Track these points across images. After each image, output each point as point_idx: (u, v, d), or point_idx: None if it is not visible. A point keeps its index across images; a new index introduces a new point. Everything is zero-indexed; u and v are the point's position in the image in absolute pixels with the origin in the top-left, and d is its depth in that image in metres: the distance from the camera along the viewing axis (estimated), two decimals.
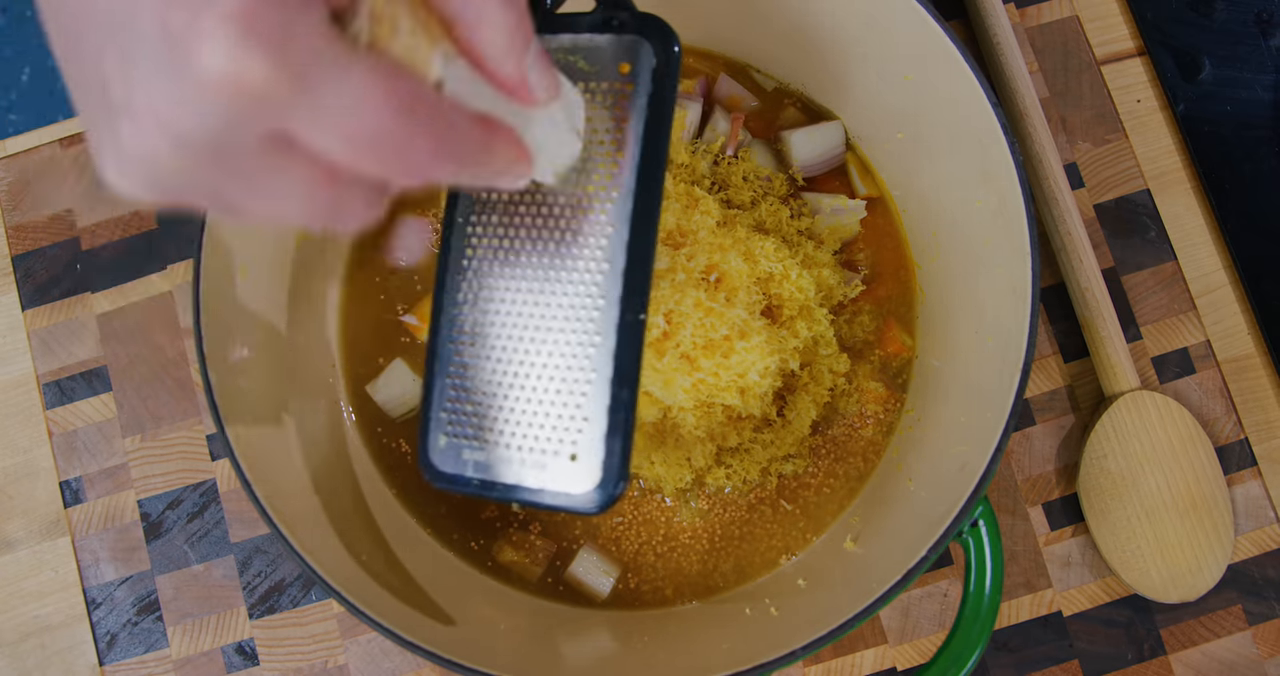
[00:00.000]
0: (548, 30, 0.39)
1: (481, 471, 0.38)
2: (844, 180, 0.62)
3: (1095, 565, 0.61)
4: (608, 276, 0.36)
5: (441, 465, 0.39)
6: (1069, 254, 0.61)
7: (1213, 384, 0.63)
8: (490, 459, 0.38)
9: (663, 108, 0.37)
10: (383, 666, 0.60)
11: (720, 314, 0.51)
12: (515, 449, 0.37)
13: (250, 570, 0.61)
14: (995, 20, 0.63)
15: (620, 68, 0.38)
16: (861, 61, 0.56)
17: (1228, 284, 0.63)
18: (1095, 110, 0.65)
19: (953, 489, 0.49)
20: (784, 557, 0.58)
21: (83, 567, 0.62)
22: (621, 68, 0.38)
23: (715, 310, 0.51)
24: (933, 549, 0.46)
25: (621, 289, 0.36)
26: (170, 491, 0.62)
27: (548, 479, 0.37)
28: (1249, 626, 0.60)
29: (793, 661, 0.46)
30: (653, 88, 0.37)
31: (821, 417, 0.58)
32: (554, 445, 0.37)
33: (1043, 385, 0.62)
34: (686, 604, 0.58)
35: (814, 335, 0.56)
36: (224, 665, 0.60)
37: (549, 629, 0.55)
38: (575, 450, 0.36)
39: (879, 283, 0.61)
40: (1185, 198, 0.64)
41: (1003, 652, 0.60)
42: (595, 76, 0.38)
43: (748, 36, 0.60)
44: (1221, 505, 0.60)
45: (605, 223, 0.37)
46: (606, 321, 0.36)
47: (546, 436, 0.37)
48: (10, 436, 0.63)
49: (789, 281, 0.55)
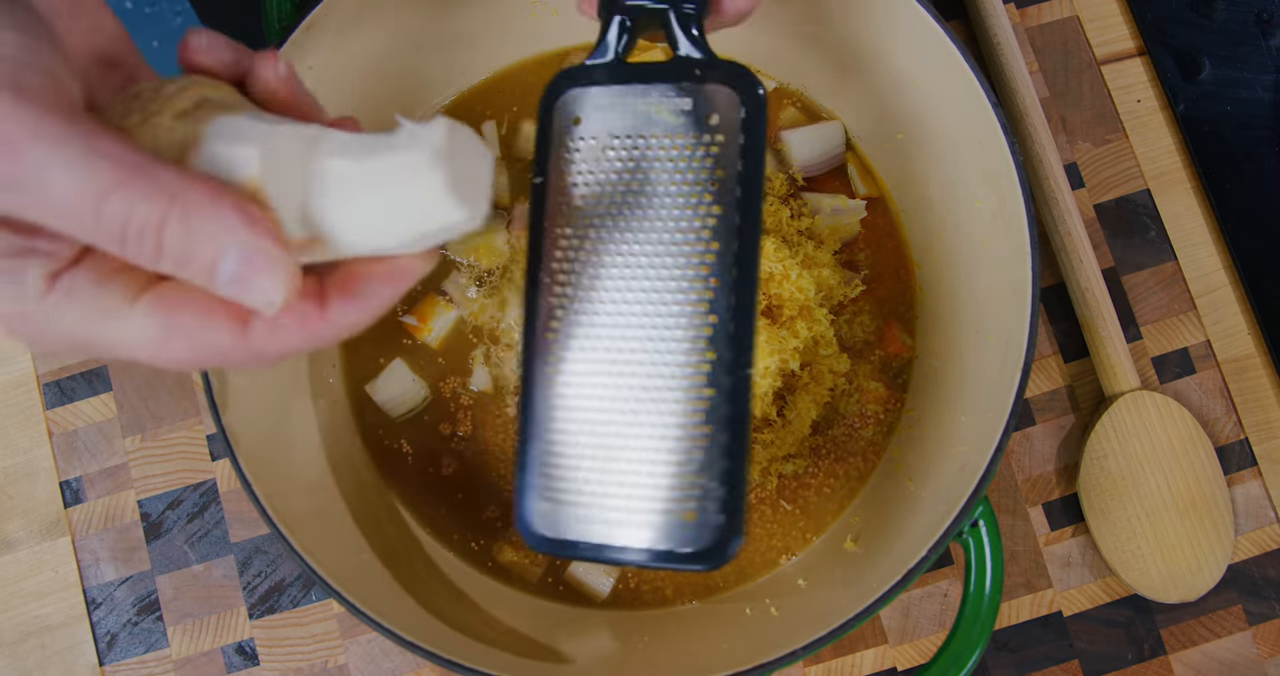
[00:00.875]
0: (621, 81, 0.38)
1: (589, 535, 0.36)
2: (844, 180, 0.62)
3: (1095, 565, 0.61)
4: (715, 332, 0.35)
5: (544, 530, 0.37)
6: (1069, 254, 0.61)
7: (1213, 384, 0.63)
8: (596, 520, 0.36)
9: (756, 158, 0.35)
10: (383, 666, 0.60)
11: None
12: (625, 510, 0.36)
13: (250, 570, 0.61)
14: (995, 20, 0.63)
15: (707, 119, 0.36)
16: (861, 61, 0.56)
17: (1228, 284, 0.63)
18: (1095, 110, 0.65)
19: (953, 489, 0.49)
20: (784, 557, 0.58)
21: (83, 567, 0.62)
22: (709, 119, 0.36)
23: None
24: (933, 549, 0.46)
25: (730, 347, 0.35)
26: (170, 491, 0.62)
27: (662, 539, 0.35)
28: (1249, 626, 0.60)
29: (793, 661, 0.46)
30: (744, 139, 0.35)
31: (822, 417, 0.58)
32: (667, 505, 0.35)
33: (1043, 385, 0.62)
34: (686, 604, 0.58)
35: (814, 335, 0.56)
36: (224, 665, 0.60)
37: (549, 629, 0.55)
38: (691, 508, 0.35)
39: (879, 283, 0.61)
40: (1185, 198, 0.64)
41: (1003, 652, 0.60)
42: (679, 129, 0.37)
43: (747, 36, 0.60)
44: (1221, 505, 0.60)
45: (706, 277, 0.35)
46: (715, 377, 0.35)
47: (659, 496, 0.35)
48: (10, 436, 0.63)
49: (789, 281, 0.55)
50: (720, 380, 0.35)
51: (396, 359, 0.60)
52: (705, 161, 0.36)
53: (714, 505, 0.34)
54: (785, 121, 0.62)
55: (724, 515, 0.34)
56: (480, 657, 0.48)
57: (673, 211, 0.36)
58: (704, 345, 0.35)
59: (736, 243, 0.35)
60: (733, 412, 0.35)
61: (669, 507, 0.35)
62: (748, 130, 0.36)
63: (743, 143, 0.36)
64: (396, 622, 0.47)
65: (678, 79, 0.37)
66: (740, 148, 0.36)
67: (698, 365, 0.35)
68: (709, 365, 0.35)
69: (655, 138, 0.37)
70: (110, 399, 0.63)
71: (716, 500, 0.34)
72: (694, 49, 0.38)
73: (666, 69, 0.37)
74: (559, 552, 0.37)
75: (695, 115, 0.37)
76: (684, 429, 0.35)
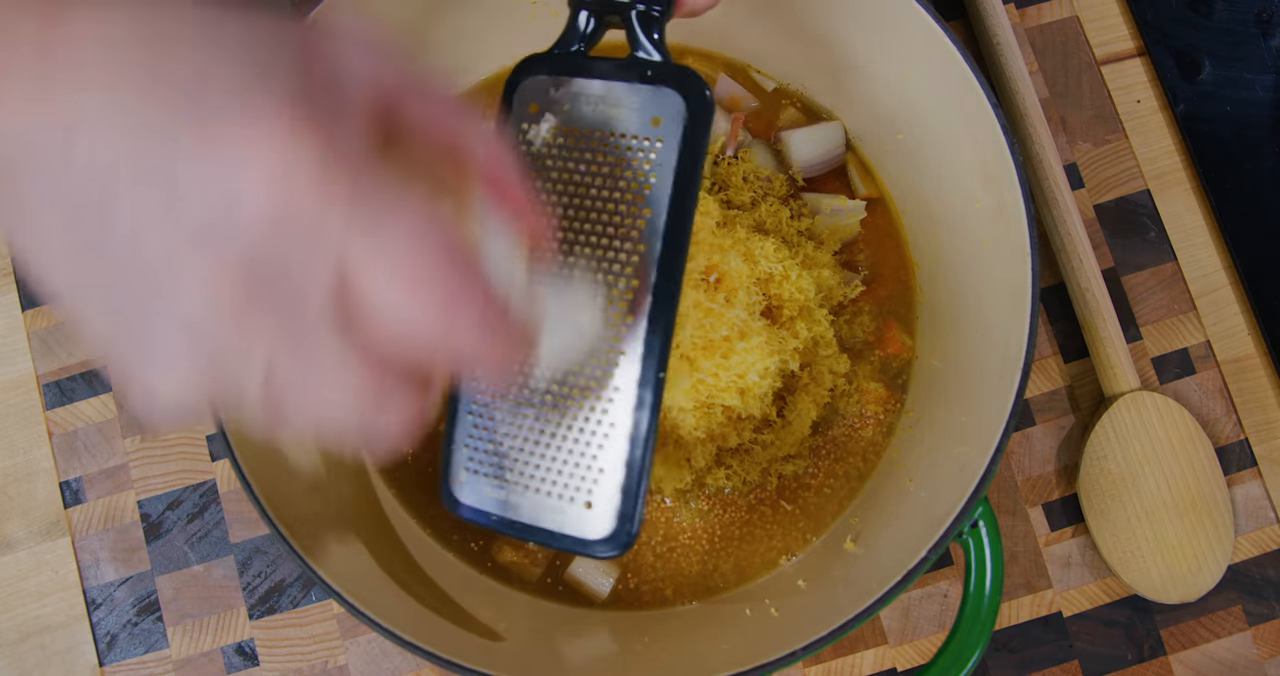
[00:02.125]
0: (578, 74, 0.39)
1: (501, 508, 0.39)
2: (844, 180, 0.62)
3: (1095, 565, 0.61)
4: (631, 331, 0.37)
5: (462, 497, 0.40)
6: (1069, 254, 0.61)
7: (1213, 384, 0.63)
8: (510, 497, 0.39)
9: (694, 165, 0.36)
10: (383, 667, 0.60)
11: (720, 314, 0.51)
12: (534, 490, 0.38)
13: (250, 570, 0.61)
14: (995, 20, 0.63)
15: (652, 120, 0.37)
16: (861, 61, 0.56)
17: (1228, 284, 0.63)
18: (1095, 110, 0.65)
19: (953, 489, 0.49)
20: (784, 558, 0.58)
21: (83, 568, 0.62)
22: (653, 121, 0.37)
23: (715, 311, 0.51)
24: (933, 549, 0.46)
25: (643, 347, 0.36)
26: (170, 492, 0.62)
27: (564, 522, 0.37)
28: (1249, 627, 0.60)
29: (793, 662, 0.46)
30: (682, 145, 0.36)
31: (822, 418, 0.58)
32: (570, 491, 0.37)
33: (1043, 385, 0.62)
34: (686, 604, 0.58)
35: (814, 336, 0.56)
36: (224, 665, 0.60)
37: (549, 629, 0.55)
38: (590, 498, 0.37)
39: (879, 283, 0.61)
40: (1185, 198, 0.64)
41: (1003, 653, 0.60)
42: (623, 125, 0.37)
43: (747, 36, 0.60)
44: (1221, 505, 0.60)
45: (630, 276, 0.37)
46: (626, 377, 0.37)
47: (564, 482, 0.38)
48: (10, 437, 0.63)
49: (789, 282, 0.55)
50: (628, 381, 0.37)
51: None
52: (644, 164, 0.37)
53: (613, 498, 0.37)
54: (785, 122, 0.62)
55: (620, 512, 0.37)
56: (480, 657, 0.48)
57: (606, 208, 0.37)
58: (618, 345, 0.37)
59: (660, 247, 0.36)
60: (637, 415, 0.37)
61: (573, 496, 0.37)
62: (689, 137, 0.37)
63: (680, 148, 0.37)
64: (396, 622, 0.47)
65: (629, 78, 0.38)
66: (678, 153, 0.37)
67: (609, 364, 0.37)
68: (618, 365, 0.37)
69: (602, 134, 0.38)
70: (110, 399, 0.63)
71: (616, 493, 0.37)
72: (651, 50, 0.39)
73: (620, 67, 0.38)
74: (474, 520, 0.39)
75: (641, 116, 0.38)
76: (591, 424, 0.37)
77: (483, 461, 0.39)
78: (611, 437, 0.37)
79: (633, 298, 0.37)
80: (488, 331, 0.28)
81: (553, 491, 0.38)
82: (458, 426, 0.40)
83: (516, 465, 0.38)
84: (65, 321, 0.29)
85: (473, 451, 0.39)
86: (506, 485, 0.39)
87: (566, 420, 0.38)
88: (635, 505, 0.36)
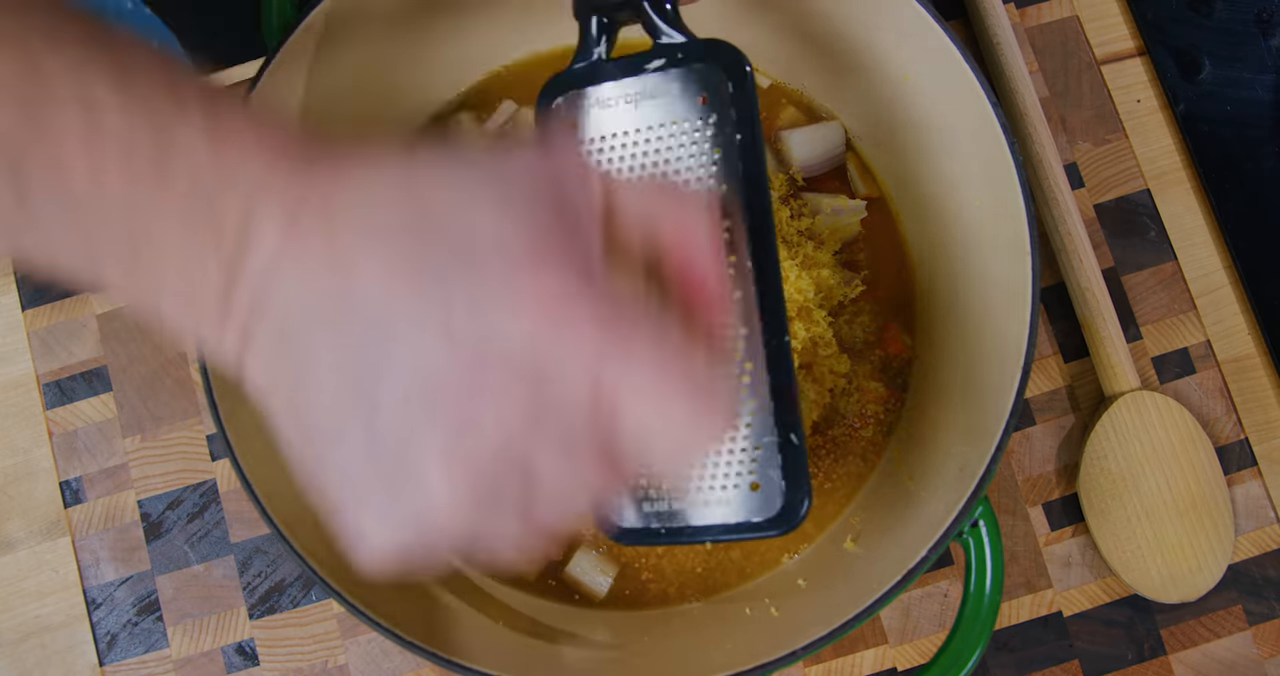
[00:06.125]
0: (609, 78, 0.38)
1: (666, 520, 0.37)
2: (844, 180, 0.62)
3: (1095, 565, 0.61)
4: (741, 305, 0.36)
5: (624, 523, 0.38)
6: (1069, 254, 0.61)
7: (1213, 384, 0.63)
8: (670, 506, 0.37)
9: (752, 128, 0.36)
10: (383, 666, 0.60)
11: None
12: (695, 491, 0.37)
13: (250, 570, 0.61)
14: (995, 20, 0.63)
15: (700, 100, 0.37)
16: (861, 61, 0.56)
17: (1228, 284, 0.63)
18: (1095, 110, 0.65)
19: (953, 489, 0.49)
20: (785, 557, 0.58)
21: (83, 567, 0.62)
22: (701, 99, 0.37)
23: None
24: (933, 549, 0.46)
25: (762, 315, 0.36)
26: (170, 491, 0.62)
27: (734, 512, 0.37)
28: (1249, 626, 0.60)
29: (793, 661, 0.46)
30: (735, 112, 0.36)
31: (822, 418, 0.58)
32: (733, 479, 0.37)
33: (1043, 385, 0.62)
34: (687, 603, 0.58)
35: (813, 336, 0.56)
36: (224, 665, 0.60)
37: (548, 628, 0.55)
38: (755, 479, 0.36)
39: (879, 283, 0.61)
40: (1185, 198, 0.64)
41: (1003, 652, 0.60)
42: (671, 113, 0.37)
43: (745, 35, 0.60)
44: (1222, 505, 0.60)
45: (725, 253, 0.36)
46: (752, 349, 0.36)
47: (724, 473, 0.37)
48: (10, 436, 0.63)
49: (788, 282, 0.55)
50: (755, 353, 0.36)
51: None
52: (703, 144, 0.37)
53: (776, 474, 0.36)
54: (785, 121, 0.62)
55: (786, 481, 0.36)
56: (480, 657, 0.48)
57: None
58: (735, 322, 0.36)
59: (748, 216, 0.36)
60: (775, 382, 0.36)
61: (737, 483, 0.36)
62: (738, 104, 0.36)
63: (735, 116, 0.36)
64: (396, 622, 0.47)
65: (661, 66, 0.37)
66: (734, 121, 0.36)
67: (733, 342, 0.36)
68: (742, 340, 0.36)
69: (650, 129, 0.37)
70: (110, 399, 0.63)
71: (777, 469, 0.36)
72: (673, 33, 0.38)
73: (649, 58, 0.38)
74: (641, 542, 0.38)
75: (686, 99, 0.37)
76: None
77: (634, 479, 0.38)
78: (757, 413, 0.36)
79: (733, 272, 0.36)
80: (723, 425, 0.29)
81: (714, 485, 0.37)
82: None
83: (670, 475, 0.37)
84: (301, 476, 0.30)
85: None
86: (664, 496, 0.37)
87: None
88: (800, 470, 0.36)
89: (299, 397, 0.28)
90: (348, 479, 0.28)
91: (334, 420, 0.27)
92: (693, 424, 0.28)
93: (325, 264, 0.26)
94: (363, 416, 0.27)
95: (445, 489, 0.27)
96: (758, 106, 0.36)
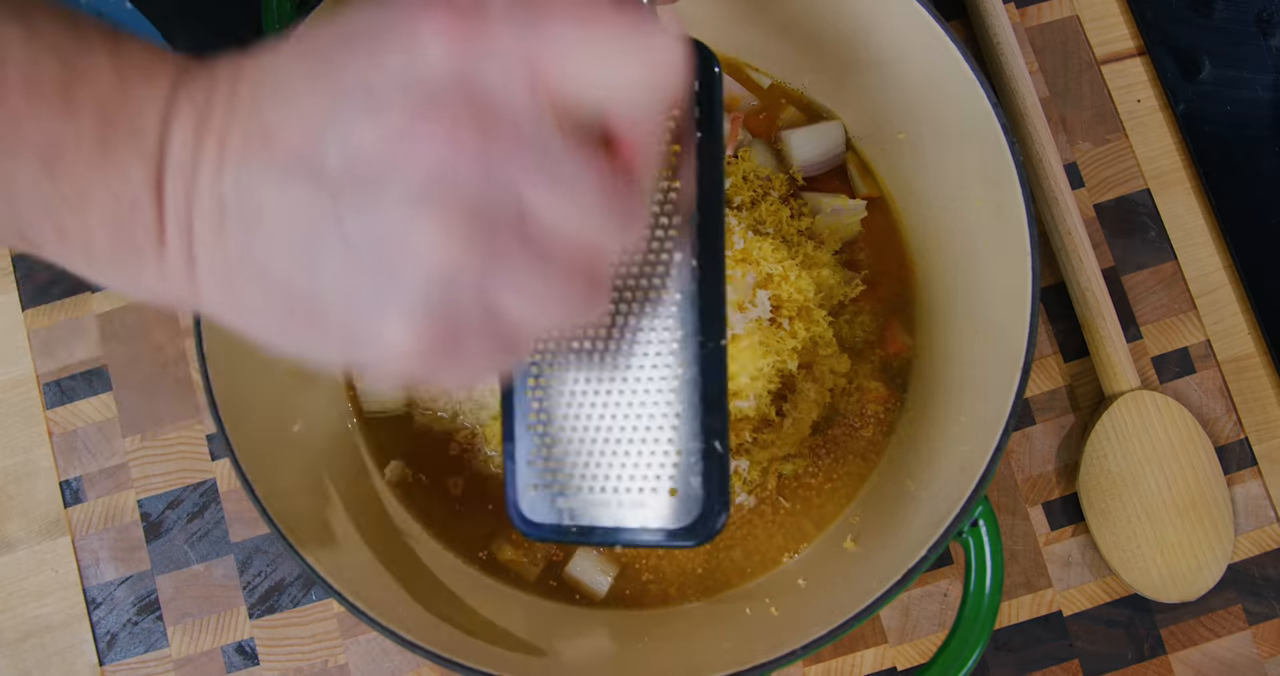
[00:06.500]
0: None
1: (578, 518, 0.37)
2: (844, 180, 0.62)
3: (1095, 565, 0.61)
4: (680, 306, 0.35)
5: (534, 516, 0.37)
6: (1069, 254, 0.61)
7: (1213, 384, 0.63)
8: (585, 504, 0.37)
9: (714, 130, 0.36)
10: (383, 666, 0.60)
11: None
12: (610, 491, 0.36)
13: (250, 570, 0.61)
14: (995, 20, 0.63)
15: None
16: (861, 61, 0.56)
17: (1228, 284, 0.63)
18: (1095, 110, 0.65)
19: (953, 488, 0.49)
20: (784, 557, 0.58)
21: (83, 567, 0.62)
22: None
23: None
24: (933, 548, 0.46)
25: (698, 318, 0.35)
26: (170, 491, 0.62)
27: (649, 516, 0.36)
28: (1249, 626, 0.60)
29: (793, 661, 0.46)
30: (699, 112, 0.36)
31: (822, 417, 0.58)
32: (650, 482, 0.36)
33: (1043, 385, 0.62)
34: (687, 603, 0.58)
35: (813, 336, 0.56)
36: (224, 665, 0.60)
37: (548, 628, 0.55)
38: (673, 484, 0.35)
39: (879, 283, 0.61)
40: (1185, 197, 0.64)
41: (1003, 652, 0.60)
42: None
43: (745, 35, 0.60)
44: (1221, 505, 0.60)
45: (670, 251, 0.36)
46: (686, 352, 0.35)
47: (642, 474, 0.36)
48: (10, 436, 0.63)
49: (788, 282, 0.55)
50: (688, 356, 0.35)
51: None
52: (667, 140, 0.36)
53: (695, 482, 0.35)
54: (785, 121, 0.62)
55: (705, 490, 0.35)
56: (480, 657, 0.48)
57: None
58: (671, 322, 0.36)
59: (697, 215, 0.35)
60: (706, 387, 0.35)
61: (655, 487, 0.36)
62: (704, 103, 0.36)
63: (698, 116, 0.36)
64: (396, 622, 0.47)
65: None
66: (697, 121, 0.36)
67: (666, 342, 0.36)
68: (676, 342, 0.35)
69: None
70: (110, 399, 0.63)
71: (697, 476, 0.35)
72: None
73: None
74: (550, 537, 0.37)
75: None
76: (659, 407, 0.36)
77: (550, 472, 0.37)
78: (683, 417, 0.35)
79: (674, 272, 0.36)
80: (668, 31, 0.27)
81: (630, 486, 0.36)
82: (518, 445, 0.37)
83: (587, 468, 0.36)
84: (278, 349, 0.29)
85: (536, 464, 0.37)
86: (580, 492, 0.37)
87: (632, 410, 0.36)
88: (720, 481, 0.35)
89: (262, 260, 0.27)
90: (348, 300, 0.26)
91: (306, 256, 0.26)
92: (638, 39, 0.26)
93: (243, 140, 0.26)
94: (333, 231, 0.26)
95: (433, 236, 0.25)
96: (722, 108, 0.36)
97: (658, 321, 0.36)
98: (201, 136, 0.27)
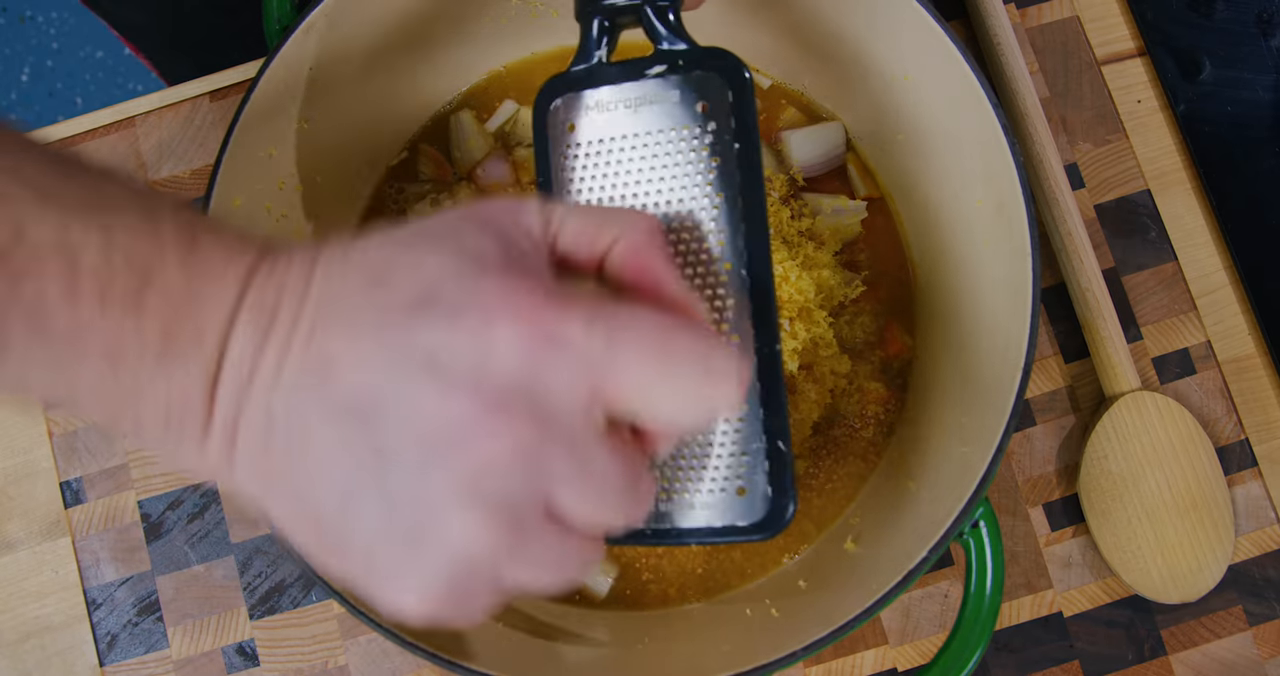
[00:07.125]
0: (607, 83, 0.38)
1: (652, 521, 0.38)
2: (844, 181, 0.62)
3: (1096, 565, 0.61)
4: (733, 313, 0.36)
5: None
6: (1069, 254, 0.61)
7: (1213, 384, 0.63)
8: (658, 507, 0.38)
9: (750, 138, 0.36)
10: (383, 667, 0.60)
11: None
12: (681, 493, 0.37)
13: (250, 571, 0.61)
14: (995, 20, 0.63)
15: (699, 108, 0.37)
16: (861, 61, 0.56)
17: (1228, 284, 0.63)
18: (1095, 110, 0.65)
19: (953, 489, 0.49)
20: (785, 558, 0.58)
21: (83, 568, 0.62)
22: (700, 108, 0.37)
23: None
24: (933, 550, 0.46)
25: (753, 324, 0.36)
26: (170, 492, 0.62)
27: (719, 516, 0.37)
28: (1249, 627, 0.60)
29: (793, 662, 0.46)
30: (734, 121, 0.36)
31: (822, 418, 0.58)
32: (720, 483, 0.37)
33: (1043, 385, 0.62)
34: (688, 604, 0.58)
35: (813, 337, 0.56)
36: (224, 665, 0.60)
37: (549, 629, 0.55)
38: (741, 483, 0.37)
39: (879, 283, 0.61)
40: (1185, 198, 0.64)
41: (1003, 653, 0.60)
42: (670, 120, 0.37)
43: (746, 36, 0.60)
44: (1222, 505, 0.60)
45: (720, 260, 0.36)
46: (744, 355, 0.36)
47: (711, 477, 0.37)
48: (10, 436, 0.63)
49: (789, 283, 0.55)
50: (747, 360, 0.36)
51: None
52: (701, 151, 0.37)
53: (762, 479, 0.36)
54: (785, 122, 0.62)
55: (771, 487, 0.36)
56: (480, 657, 0.48)
57: (675, 205, 0.37)
58: (726, 329, 0.36)
59: (744, 227, 0.36)
60: (764, 390, 0.36)
61: (724, 487, 0.37)
62: (738, 113, 0.36)
63: (734, 126, 0.36)
64: (396, 623, 0.47)
65: (661, 72, 0.37)
66: (733, 131, 0.36)
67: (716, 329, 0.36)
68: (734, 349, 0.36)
69: (649, 134, 0.37)
70: None
71: (763, 474, 0.36)
72: (674, 40, 0.38)
73: (649, 63, 0.38)
74: (626, 541, 0.38)
75: (684, 106, 0.37)
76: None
77: None
78: (746, 420, 0.36)
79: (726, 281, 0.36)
80: (737, 374, 0.30)
81: (701, 488, 0.37)
82: None
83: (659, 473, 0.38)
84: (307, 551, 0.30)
85: None
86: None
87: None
88: (786, 477, 0.36)
89: (301, 485, 0.28)
90: (372, 550, 0.28)
91: (343, 497, 0.27)
92: (705, 378, 0.29)
93: (301, 360, 0.27)
94: (372, 483, 0.27)
95: (470, 529, 0.27)
96: (756, 116, 0.37)
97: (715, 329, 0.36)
98: (263, 347, 0.28)
